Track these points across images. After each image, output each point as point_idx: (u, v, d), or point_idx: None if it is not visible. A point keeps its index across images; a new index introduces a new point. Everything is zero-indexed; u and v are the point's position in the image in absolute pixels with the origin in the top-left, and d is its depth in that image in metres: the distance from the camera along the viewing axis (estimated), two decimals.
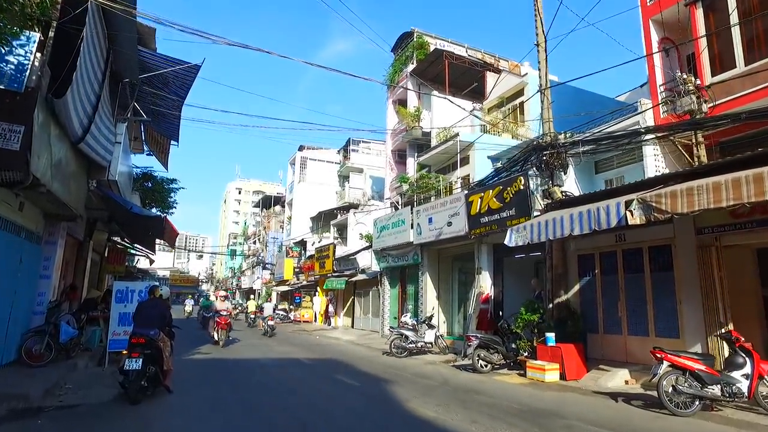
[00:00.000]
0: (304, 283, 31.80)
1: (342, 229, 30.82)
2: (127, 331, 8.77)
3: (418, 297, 16.84)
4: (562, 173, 11.03)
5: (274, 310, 31.59)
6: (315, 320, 29.11)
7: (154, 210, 16.00)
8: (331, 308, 26.55)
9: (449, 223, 14.23)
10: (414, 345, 12.99)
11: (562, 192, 10.83)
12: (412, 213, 16.65)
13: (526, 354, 10.40)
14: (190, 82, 10.79)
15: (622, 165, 14.22)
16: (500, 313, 11.52)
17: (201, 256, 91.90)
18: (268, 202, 54.07)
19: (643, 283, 9.09)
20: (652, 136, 9.57)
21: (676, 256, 8.56)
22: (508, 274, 13.87)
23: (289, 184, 43.39)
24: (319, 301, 28.87)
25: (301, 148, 42.73)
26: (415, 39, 26.27)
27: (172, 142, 14.32)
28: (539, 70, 11.84)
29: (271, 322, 19.20)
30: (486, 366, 10.13)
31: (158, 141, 14.98)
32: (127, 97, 10.33)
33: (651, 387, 7.87)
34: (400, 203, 23.60)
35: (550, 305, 10.51)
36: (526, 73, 20.51)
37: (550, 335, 9.47)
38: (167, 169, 17.11)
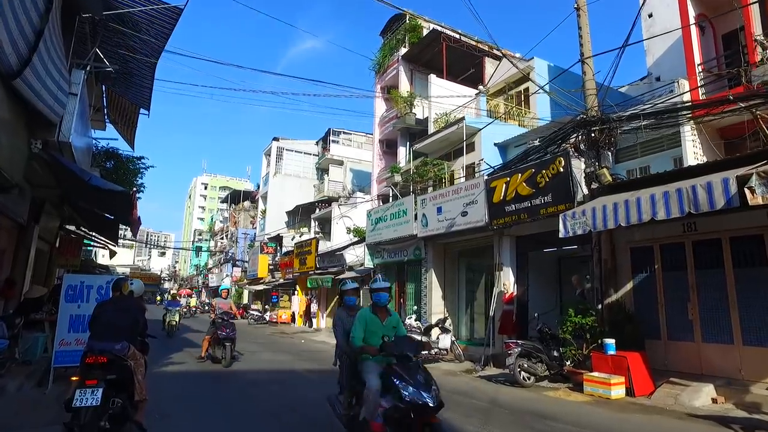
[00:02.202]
0: (281, 281, 29.56)
1: (324, 224, 28.77)
2: (79, 340, 6.63)
3: (420, 296, 15.10)
4: (609, 153, 9.53)
5: (239, 310, 29.18)
6: (293, 321, 26.95)
7: None
8: (313, 308, 24.47)
9: (464, 213, 12.54)
10: (427, 352, 11.20)
11: (612, 175, 9.32)
12: (415, 202, 14.86)
13: (570, 363, 8.80)
14: (169, 29, 8.66)
15: (648, 153, 12.94)
16: (536, 315, 9.91)
17: (164, 253, 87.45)
18: (237, 197, 51.36)
19: (723, 280, 7.60)
20: (742, 105, 8.06)
21: None
22: (531, 270, 12.32)
23: (264, 176, 40.89)
24: (299, 300, 26.74)
25: (275, 139, 40.34)
26: (407, 21, 24.53)
27: (142, 111, 12.03)
28: (580, 37, 10.28)
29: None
30: (529, 378, 8.46)
31: (124, 111, 12.65)
32: (87, 39, 8.12)
33: (753, 408, 6.40)
34: (392, 194, 21.87)
35: (599, 306, 8.96)
36: (532, 58, 19.11)
37: (610, 342, 7.89)
38: (133, 148, 14.74)
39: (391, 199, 20.98)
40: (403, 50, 23.97)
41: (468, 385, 8.53)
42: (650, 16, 17.49)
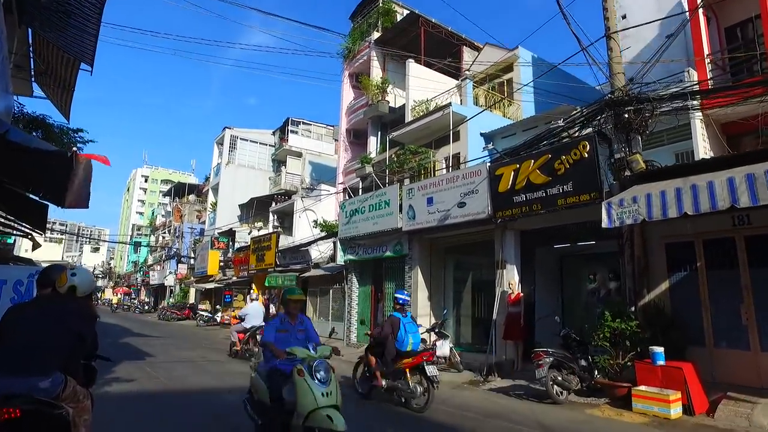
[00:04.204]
0: (234, 279, 27.16)
1: (284, 217, 26.73)
2: None
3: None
4: (639, 138, 8.52)
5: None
6: None
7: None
8: (272, 309, 22.38)
9: (461, 204, 11.23)
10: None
11: (646, 161, 8.30)
12: (401, 192, 13.41)
13: (599, 374, 7.65)
14: None
15: (647, 148, 12.24)
16: (556, 318, 8.76)
17: (97, 249, 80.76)
18: (181, 191, 47.72)
19: None
20: None
21: None
22: (533, 269, 11.24)
23: (214, 166, 38.00)
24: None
25: (228, 128, 37.60)
26: (381, 4, 23.08)
27: (83, 66, 9.75)
28: (605, 9, 9.24)
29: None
30: (562, 393, 7.22)
31: (56, 68, 10.28)
32: None
33: None
34: (361, 186, 20.38)
35: (632, 308, 7.89)
36: (517, 47, 18.25)
37: (659, 350, 6.79)
38: (68, 118, 12.24)
39: (360, 191, 19.47)
40: (376, 35, 22.49)
41: (489, 402, 7.17)
42: (624, 17, 17.11)
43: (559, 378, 7.20)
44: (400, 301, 7.52)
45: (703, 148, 11.02)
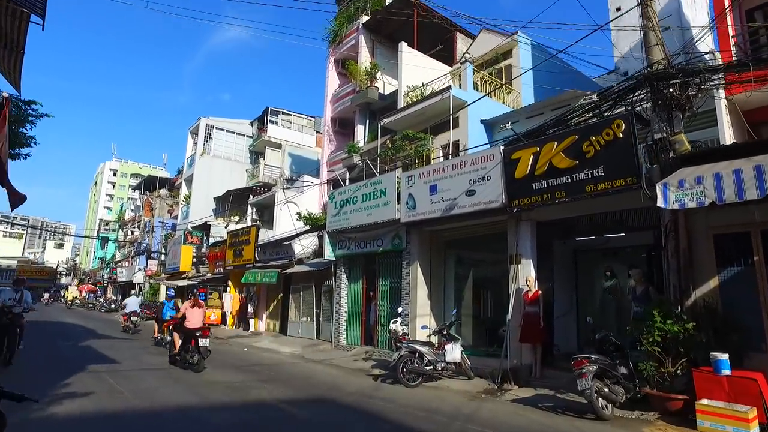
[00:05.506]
0: (209, 275, 25.50)
1: (263, 210, 25.20)
2: None
3: (398, 295, 12.49)
4: (681, 116, 7.57)
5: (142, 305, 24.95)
6: (223, 323, 23.13)
7: None
8: (250, 308, 20.92)
9: (470, 192, 10.12)
10: (432, 367, 8.66)
11: (690, 142, 7.36)
12: (399, 179, 12.23)
13: (642, 386, 6.64)
14: None
15: None
16: (588, 320, 7.74)
17: (62, 245, 76.85)
18: (152, 184, 45.36)
19: None
20: None
21: None
22: (549, 265, 10.24)
23: (188, 157, 35.98)
24: (231, 298, 22.98)
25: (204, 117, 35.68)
26: None
27: (33, 19, 8.19)
28: None
29: (135, 318, 18.77)
30: (607, 407, 6.17)
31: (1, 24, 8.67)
32: None
33: None
34: (348, 177, 19.11)
35: (678, 308, 6.91)
36: (516, 32, 17.30)
37: (723, 358, 5.82)
38: (18, 89, 10.58)
39: (347, 182, 18.21)
40: (365, 18, 21.25)
41: (521, 418, 6.06)
42: (618, 10, 16.51)
43: (605, 389, 6.15)
44: (169, 295, 14.28)
45: (728, 135, 10.22)
